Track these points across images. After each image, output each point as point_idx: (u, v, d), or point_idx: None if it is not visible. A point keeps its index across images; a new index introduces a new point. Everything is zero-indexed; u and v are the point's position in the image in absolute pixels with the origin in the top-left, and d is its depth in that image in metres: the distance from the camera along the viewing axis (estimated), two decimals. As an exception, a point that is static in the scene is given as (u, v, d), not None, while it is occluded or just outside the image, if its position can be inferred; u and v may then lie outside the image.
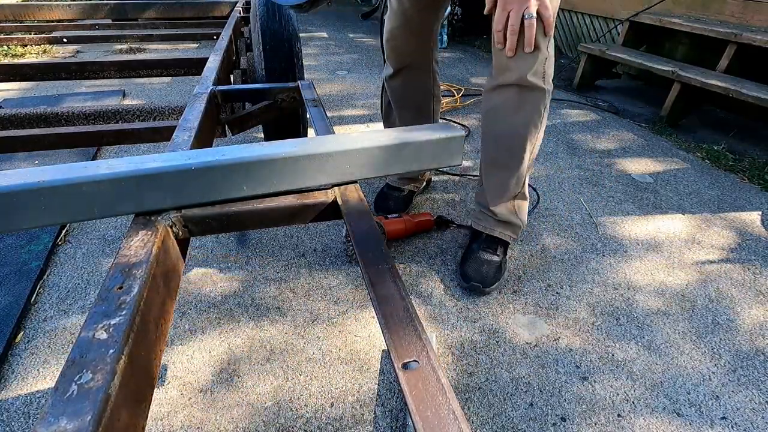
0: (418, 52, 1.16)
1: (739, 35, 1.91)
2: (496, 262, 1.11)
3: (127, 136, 1.01)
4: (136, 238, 0.45)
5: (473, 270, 1.09)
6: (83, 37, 2.21)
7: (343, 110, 2.20)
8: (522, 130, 0.96)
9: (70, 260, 1.12)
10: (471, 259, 1.11)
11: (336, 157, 0.54)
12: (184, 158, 0.49)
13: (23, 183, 0.44)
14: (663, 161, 1.80)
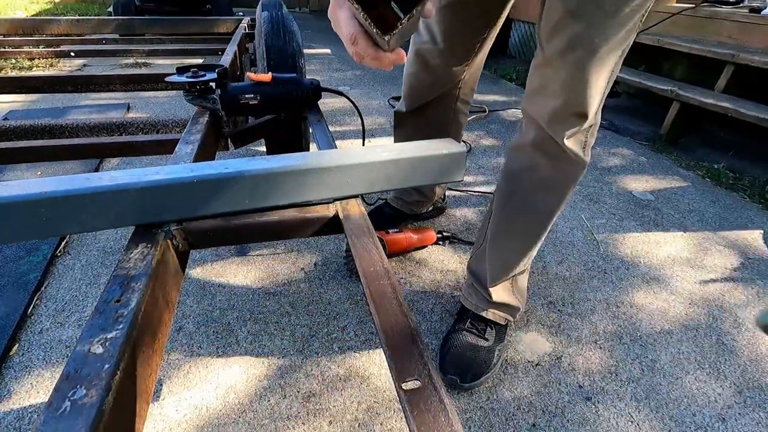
0: (441, 95, 1.04)
1: (737, 56, 1.94)
2: (484, 349, 0.92)
3: (131, 149, 1.01)
4: (136, 251, 0.45)
5: (453, 357, 0.90)
6: (90, 51, 2.24)
7: (345, 125, 2.21)
8: (549, 209, 0.82)
9: (69, 272, 1.11)
10: (452, 342, 0.93)
11: (337, 172, 0.54)
12: (186, 171, 0.49)
13: (25, 194, 0.43)
14: (663, 179, 1.80)
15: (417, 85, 1.01)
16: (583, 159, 0.76)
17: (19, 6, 5.13)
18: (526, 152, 0.80)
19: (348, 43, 0.41)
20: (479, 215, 1.47)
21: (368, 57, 0.41)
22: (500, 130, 2.22)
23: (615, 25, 0.63)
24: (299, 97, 0.89)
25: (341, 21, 0.40)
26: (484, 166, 1.82)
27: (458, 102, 1.06)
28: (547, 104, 0.72)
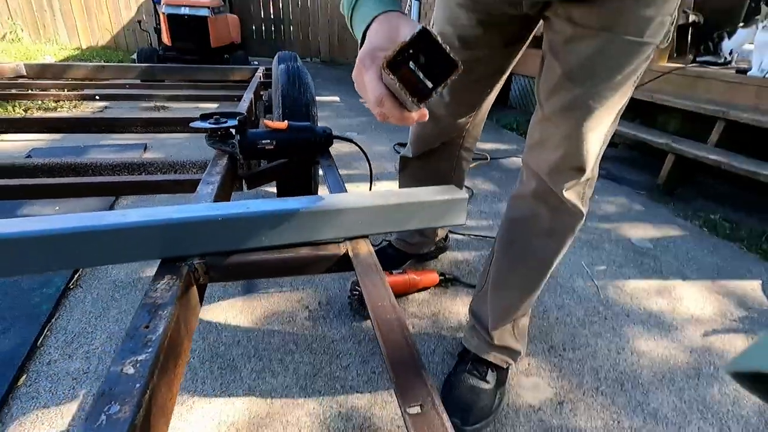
0: (445, 144, 1.09)
1: (727, 113, 2.03)
2: (486, 392, 0.92)
3: (150, 187, 1.07)
4: (162, 282, 0.49)
5: (455, 399, 0.91)
6: (113, 95, 2.38)
7: (353, 169, 2.30)
8: (549, 256, 0.85)
9: (80, 304, 1.14)
10: (454, 384, 0.94)
11: (348, 213, 0.59)
12: (212, 209, 0.54)
13: (65, 227, 0.48)
14: (662, 227, 1.84)
15: (423, 133, 1.08)
16: (581, 210, 0.80)
17: (49, 52, 5.45)
18: (527, 201, 0.84)
19: (374, 105, 0.42)
20: (481, 259, 1.50)
21: (393, 117, 0.42)
22: (501, 178, 2.29)
23: (609, 89, 0.69)
24: (312, 143, 0.96)
25: (367, 84, 0.42)
26: (486, 211, 1.88)
27: (462, 150, 1.13)
28: (547, 158, 0.77)
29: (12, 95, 2.31)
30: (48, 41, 6.34)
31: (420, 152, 1.11)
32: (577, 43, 0.68)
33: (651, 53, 0.67)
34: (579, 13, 0.67)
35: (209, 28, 4.62)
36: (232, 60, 4.82)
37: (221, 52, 4.91)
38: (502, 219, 0.93)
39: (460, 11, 0.81)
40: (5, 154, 2.19)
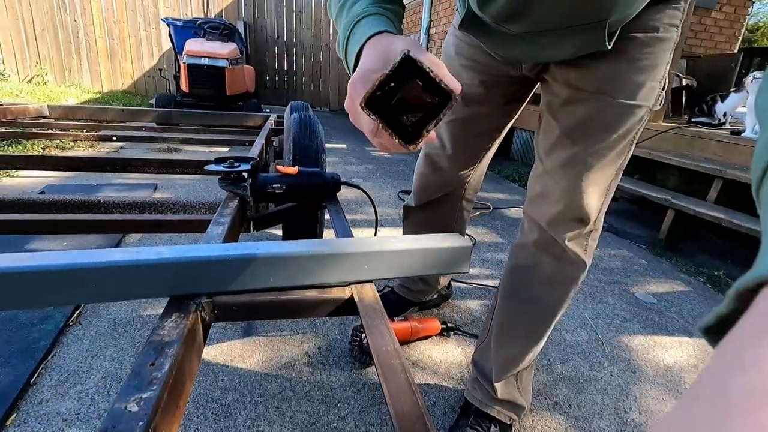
0: (447, 194, 1.11)
1: (724, 171, 2.09)
2: None
3: (160, 226, 1.09)
4: (170, 319, 0.49)
5: None
6: (130, 136, 2.47)
7: (358, 214, 2.33)
8: (552, 306, 0.85)
9: (78, 342, 1.13)
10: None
11: (354, 258, 0.60)
12: (223, 249, 0.56)
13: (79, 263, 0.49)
14: (665, 283, 1.83)
15: (426, 184, 1.11)
16: (584, 260, 0.81)
17: (72, 94, 5.72)
18: (529, 251, 0.85)
19: (370, 136, 0.40)
20: (483, 308, 1.49)
21: (393, 147, 0.40)
22: (504, 227, 2.31)
23: (606, 148, 0.72)
24: (321, 188, 0.99)
25: (361, 114, 0.39)
26: (488, 260, 1.88)
27: (463, 201, 1.15)
28: (548, 209, 0.79)
29: (33, 134, 2.40)
30: (72, 85, 6.67)
31: (423, 202, 1.14)
32: (573, 105, 0.72)
33: (644, 115, 0.71)
34: (575, 77, 0.72)
35: (226, 78, 4.87)
36: (246, 107, 5.03)
37: (236, 100, 5.14)
38: (505, 268, 0.94)
39: (463, 71, 0.87)
40: (19, 190, 2.25)
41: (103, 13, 6.60)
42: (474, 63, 0.84)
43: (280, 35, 7.32)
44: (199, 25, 5.26)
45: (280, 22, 7.26)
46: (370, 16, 0.49)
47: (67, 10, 6.45)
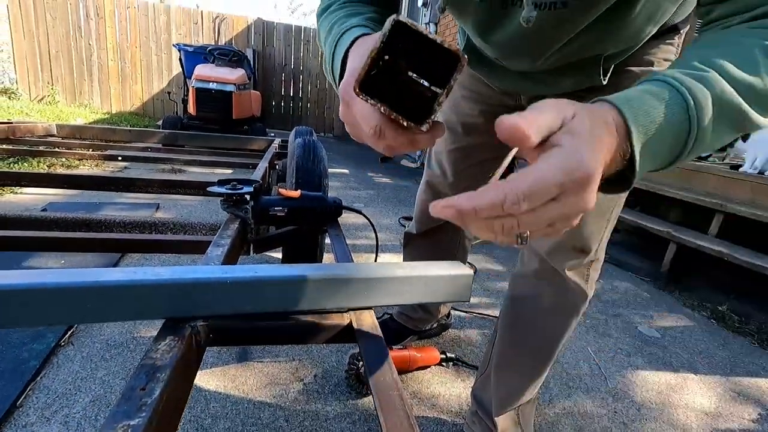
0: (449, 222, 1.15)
1: (725, 206, 2.09)
2: None
3: (160, 246, 1.09)
4: (164, 342, 0.48)
5: None
6: (135, 156, 2.50)
7: (358, 239, 2.33)
8: (553, 336, 0.84)
9: (68, 363, 1.10)
10: None
11: (353, 283, 0.60)
12: (221, 272, 0.55)
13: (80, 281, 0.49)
14: (669, 317, 1.80)
15: (427, 211, 1.11)
16: (585, 291, 0.80)
17: (81, 114, 5.83)
18: (529, 280, 0.84)
19: (373, 140, 0.36)
20: (483, 338, 1.46)
21: (401, 146, 0.36)
22: (504, 256, 2.30)
23: None
24: (323, 213, 0.99)
25: (358, 118, 0.36)
26: (489, 289, 1.86)
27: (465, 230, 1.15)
28: (549, 239, 0.78)
29: (39, 152, 2.43)
30: (81, 105, 6.80)
31: (424, 229, 1.14)
32: None
33: None
34: None
35: (233, 102, 4.97)
36: (251, 131, 5.11)
37: (242, 124, 5.23)
38: (505, 298, 0.92)
39: (463, 101, 0.88)
40: (22, 207, 2.25)
41: (117, 38, 6.81)
42: (474, 94, 0.86)
43: (287, 63, 7.52)
44: (209, 51, 5.42)
45: (288, 51, 7.47)
46: (355, 27, 0.48)
47: (82, 34, 6.66)
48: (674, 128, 0.34)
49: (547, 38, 0.57)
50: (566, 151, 0.29)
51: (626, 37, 0.60)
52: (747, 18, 0.39)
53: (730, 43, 0.37)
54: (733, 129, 0.37)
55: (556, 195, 0.29)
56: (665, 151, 0.35)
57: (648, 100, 0.34)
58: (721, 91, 0.35)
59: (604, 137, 0.31)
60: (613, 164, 0.33)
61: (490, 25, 0.59)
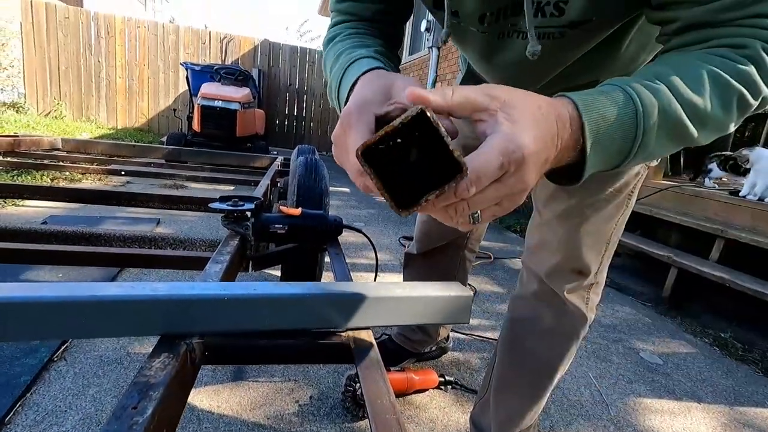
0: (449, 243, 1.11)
1: (725, 231, 2.09)
2: None
3: (159, 262, 1.08)
4: (158, 360, 0.47)
5: None
6: (138, 171, 2.52)
7: (358, 258, 2.32)
8: (553, 360, 0.82)
9: (60, 379, 1.08)
10: None
11: (352, 302, 0.59)
12: (219, 288, 0.54)
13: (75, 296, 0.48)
14: (671, 343, 1.78)
15: (428, 232, 1.11)
16: (585, 314, 0.79)
17: (86, 129, 5.89)
18: (529, 302, 0.84)
19: (355, 174, 0.36)
20: (483, 362, 1.44)
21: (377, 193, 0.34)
22: (504, 277, 2.29)
23: (603, 201, 0.73)
24: (323, 231, 0.99)
25: (350, 145, 0.36)
26: (489, 311, 1.84)
27: (465, 250, 1.15)
28: (547, 260, 0.78)
29: (44, 165, 2.45)
30: (88, 120, 6.89)
31: (424, 250, 1.13)
32: None
33: (641, 169, 0.72)
34: None
35: (237, 120, 5.04)
36: (254, 149, 5.17)
37: (245, 141, 5.29)
38: (504, 320, 0.91)
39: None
40: (23, 219, 2.26)
41: (127, 56, 6.95)
42: None
43: (292, 83, 7.65)
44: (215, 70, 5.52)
45: (293, 71, 7.61)
46: (365, 58, 0.50)
47: (92, 51, 6.80)
48: (623, 128, 0.37)
49: (545, 66, 0.59)
50: (504, 135, 0.32)
51: (621, 64, 0.61)
52: (702, 47, 0.41)
53: (683, 64, 0.40)
54: (673, 140, 0.41)
55: (499, 176, 0.32)
56: (614, 151, 0.38)
57: (603, 100, 0.37)
58: (668, 104, 0.38)
59: (553, 125, 0.34)
60: (566, 153, 0.37)
61: (490, 53, 0.61)
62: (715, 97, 0.39)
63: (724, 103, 0.39)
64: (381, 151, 0.30)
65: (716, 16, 0.40)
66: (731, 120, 0.41)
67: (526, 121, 0.32)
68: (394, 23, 0.64)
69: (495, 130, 0.33)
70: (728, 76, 0.38)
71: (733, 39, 0.40)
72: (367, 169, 0.30)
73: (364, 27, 0.61)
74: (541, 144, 0.33)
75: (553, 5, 0.48)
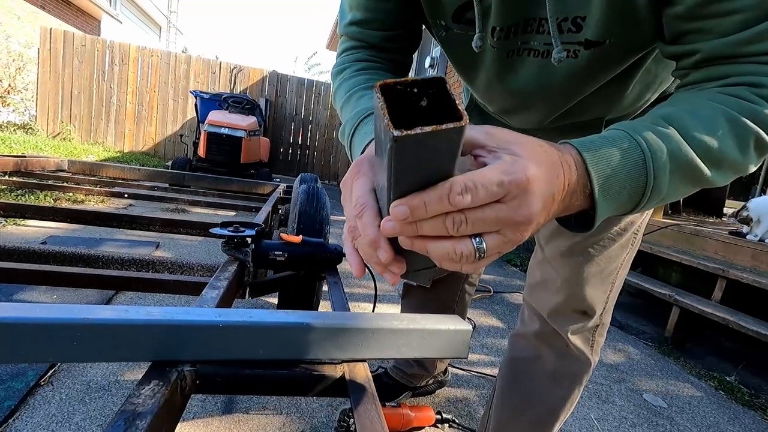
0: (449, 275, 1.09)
1: (727, 271, 2.07)
2: None
3: (156, 286, 1.07)
4: (147, 387, 0.46)
5: None
6: (141, 195, 2.53)
7: (356, 288, 2.29)
8: (555, 405, 0.79)
9: (45, 404, 1.05)
10: None
11: (349, 333, 0.58)
12: (214, 315, 0.54)
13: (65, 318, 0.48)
14: (674, 385, 1.73)
15: None
16: (590, 357, 0.77)
17: (93, 152, 5.98)
18: (530, 342, 0.81)
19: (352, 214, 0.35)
20: (481, 399, 1.39)
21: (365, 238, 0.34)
22: (504, 312, 2.25)
23: (608, 239, 0.71)
24: (323, 259, 0.98)
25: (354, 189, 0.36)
26: (488, 346, 1.80)
27: (465, 283, 1.14)
28: (549, 299, 0.76)
29: (48, 186, 2.47)
30: (96, 143, 7.01)
31: None
32: None
33: None
34: None
35: (242, 147, 5.12)
36: (258, 175, 5.22)
37: (249, 168, 5.35)
38: (504, 358, 0.89)
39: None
40: (22, 239, 2.25)
41: (138, 82, 7.15)
42: None
43: (298, 113, 7.82)
44: (224, 98, 5.66)
45: (300, 102, 7.79)
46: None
47: (105, 78, 7.00)
48: (632, 176, 0.36)
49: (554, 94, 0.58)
50: (506, 160, 0.31)
51: (627, 102, 0.62)
52: (719, 85, 0.41)
53: (696, 105, 0.40)
54: (689, 183, 0.40)
55: (499, 196, 0.30)
56: (625, 197, 0.37)
57: (608, 147, 0.36)
58: (678, 148, 0.37)
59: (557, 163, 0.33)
60: (575, 198, 0.35)
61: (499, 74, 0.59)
62: (730, 139, 0.38)
63: (740, 145, 0.38)
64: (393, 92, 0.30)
65: (737, 49, 0.39)
66: (750, 161, 0.40)
67: (529, 155, 0.31)
68: (402, 51, 0.64)
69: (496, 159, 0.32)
70: (744, 117, 0.38)
71: (751, 77, 0.39)
72: (378, 95, 0.29)
73: (373, 58, 0.61)
74: (545, 175, 0.31)
75: (571, 21, 0.48)
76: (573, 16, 0.48)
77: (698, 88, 0.43)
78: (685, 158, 0.37)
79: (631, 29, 0.48)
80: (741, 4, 0.38)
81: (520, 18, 0.51)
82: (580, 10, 0.47)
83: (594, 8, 0.46)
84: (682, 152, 0.37)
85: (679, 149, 0.37)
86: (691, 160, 0.38)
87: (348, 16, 0.61)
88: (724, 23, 0.39)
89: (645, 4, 0.44)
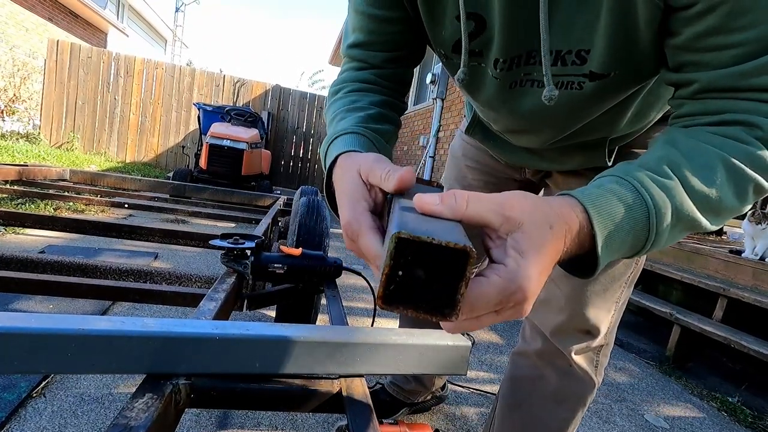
0: None
1: (728, 290, 2.06)
2: None
3: (154, 297, 1.06)
4: (141, 400, 0.45)
5: None
6: (142, 205, 2.53)
7: (355, 301, 2.28)
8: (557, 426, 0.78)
9: (36, 417, 1.03)
10: None
11: (347, 348, 0.57)
12: (211, 327, 0.53)
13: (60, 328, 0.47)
14: (676, 406, 1.70)
15: None
16: (593, 378, 0.76)
17: (95, 161, 6.01)
18: (531, 361, 0.80)
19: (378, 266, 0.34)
20: (480, 417, 1.37)
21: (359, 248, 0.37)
22: (504, 327, 2.23)
23: None
24: (322, 272, 0.98)
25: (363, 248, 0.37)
26: (487, 362, 1.78)
27: None
28: (552, 317, 0.75)
29: (49, 195, 2.47)
30: (98, 153, 7.05)
31: None
32: None
33: None
34: (576, 184, 0.74)
35: (243, 159, 5.14)
36: (258, 188, 5.23)
37: (250, 180, 5.37)
38: (504, 377, 0.88)
39: (469, 171, 0.90)
40: (20, 248, 2.25)
41: (142, 94, 7.22)
42: (479, 164, 0.89)
43: (299, 126, 7.88)
44: (226, 111, 5.71)
45: (302, 115, 7.87)
46: (345, 135, 0.50)
47: (110, 89, 7.08)
48: (635, 231, 0.37)
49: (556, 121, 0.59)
50: (508, 273, 0.31)
51: (630, 123, 0.63)
52: (714, 121, 0.41)
53: (695, 150, 0.39)
54: (686, 232, 0.41)
55: (497, 309, 0.32)
56: (625, 248, 0.38)
57: (613, 202, 0.36)
58: (680, 203, 0.38)
59: (561, 241, 0.34)
60: (574, 251, 0.36)
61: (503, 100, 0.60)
62: (729, 187, 0.38)
63: (738, 192, 0.39)
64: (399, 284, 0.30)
65: (734, 81, 0.39)
66: (746, 205, 0.41)
67: (534, 253, 0.32)
68: (404, 67, 0.64)
69: (500, 260, 0.32)
70: (742, 164, 0.38)
71: (746, 116, 0.39)
72: (401, 309, 0.30)
73: (369, 77, 0.61)
74: (545, 274, 0.33)
75: (575, 54, 0.48)
76: (577, 49, 0.47)
77: (689, 122, 0.43)
78: (687, 213, 0.38)
79: (636, 61, 0.47)
80: (740, 37, 0.38)
81: (523, 51, 0.51)
82: (584, 44, 0.47)
83: (598, 41, 0.46)
84: (685, 208, 0.38)
85: (681, 205, 0.38)
86: (692, 214, 0.38)
87: (351, 38, 0.61)
88: (723, 56, 0.39)
89: (648, 38, 0.44)
